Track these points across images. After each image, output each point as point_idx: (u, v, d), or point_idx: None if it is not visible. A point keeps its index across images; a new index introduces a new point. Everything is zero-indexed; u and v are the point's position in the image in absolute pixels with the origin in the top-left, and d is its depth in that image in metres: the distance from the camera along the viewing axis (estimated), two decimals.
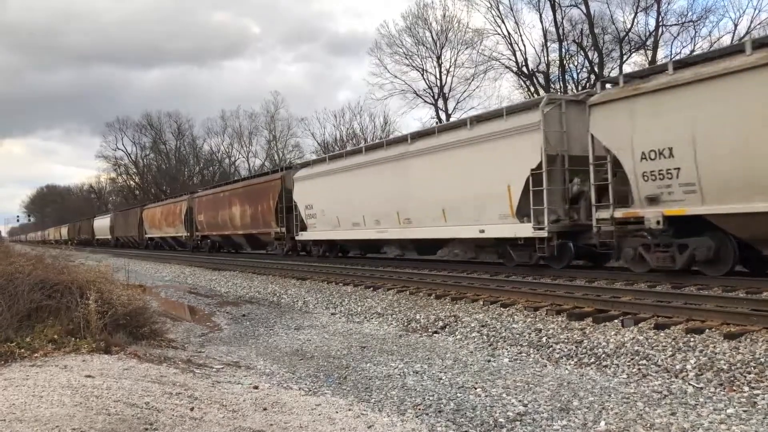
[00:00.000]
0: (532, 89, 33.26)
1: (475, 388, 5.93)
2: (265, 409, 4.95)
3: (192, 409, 4.77)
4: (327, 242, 21.35)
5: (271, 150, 60.31)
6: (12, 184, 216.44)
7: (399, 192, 16.37)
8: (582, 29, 31.16)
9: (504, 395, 5.65)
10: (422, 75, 39.00)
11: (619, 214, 10.73)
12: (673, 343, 6.60)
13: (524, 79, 34.40)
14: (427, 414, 5.22)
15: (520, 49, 33.91)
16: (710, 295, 8.67)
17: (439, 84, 38.62)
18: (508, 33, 33.71)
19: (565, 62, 32.14)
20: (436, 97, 38.84)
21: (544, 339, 7.66)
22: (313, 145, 52.59)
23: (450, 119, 33.17)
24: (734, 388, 5.43)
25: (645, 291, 9.37)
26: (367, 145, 19.39)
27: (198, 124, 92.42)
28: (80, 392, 4.96)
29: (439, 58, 38.33)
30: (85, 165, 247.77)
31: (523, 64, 33.90)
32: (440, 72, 38.48)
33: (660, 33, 29.55)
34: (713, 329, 6.72)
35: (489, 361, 7.14)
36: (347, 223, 19.12)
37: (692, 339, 6.58)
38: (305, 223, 21.53)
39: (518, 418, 5.00)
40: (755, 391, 5.27)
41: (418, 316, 9.90)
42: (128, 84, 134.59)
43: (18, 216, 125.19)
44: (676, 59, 11.92)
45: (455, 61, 37.92)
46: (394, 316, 10.34)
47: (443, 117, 37.16)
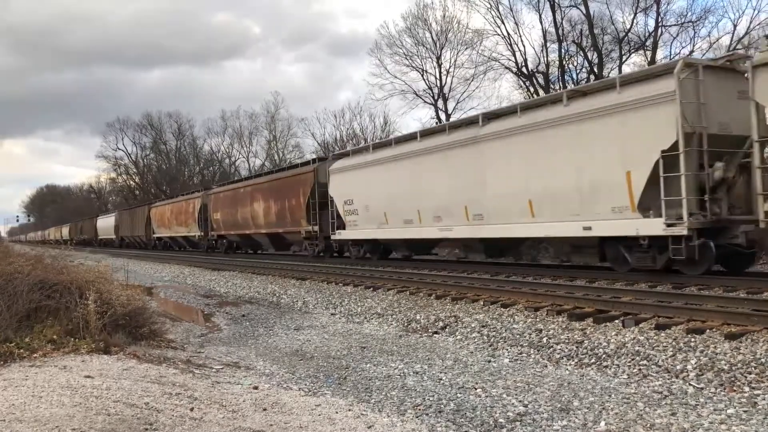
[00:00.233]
0: (531, 89, 33.24)
1: (476, 389, 5.92)
2: (264, 410, 4.94)
3: (192, 410, 4.76)
4: (370, 242, 18.86)
5: (271, 150, 60.32)
6: (12, 184, 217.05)
7: (468, 183, 14.11)
8: (581, 30, 31.13)
9: (504, 395, 5.65)
10: (422, 75, 39.00)
11: None
12: (673, 343, 6.60)
13: (524, 80, 34.37)
14: (427, 414, 5.21)
15: (519, 50, 33.87)
16: (711, 295, 8.66)
17: (439, 84, 38.62)
18: (508, 33, 33.68)
19: (564, 63, 32.09)
20: (436, 98, 38.82)
21: (544, 339, 7.65)
22: (313, 146, 52.61)
23: (450, 119, 33.08)
24: (735, 388, 5.43)
25: (646, 291, 9.36)
26: (422, 131, 16.75)
27: (198, 125, 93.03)
28: (80, 392, 4.95)
29: (438, 58, 38.32)
30: (85, 165, 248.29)
31: (523, 64, 33.86)
32: (440, 72, 38.48)
33: (659, 33, 29.53)
34: (714, 329, 6.72)
35: (489, 361, 7.13)
36: (397, 220, 16.85)
37: (693, 339, 6.58)
38: (344, 221, 19.17)
39: (518, 419, 4.99)
40: (756, 392, 5.27)
41: (418, 317, 9.89)
42: (129, 84, 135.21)
43: (18, 216, 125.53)
44: None
45: (455, 61, 37.91)
46: (394, 316, 10.32)
47: (443, 117, 37.15)
